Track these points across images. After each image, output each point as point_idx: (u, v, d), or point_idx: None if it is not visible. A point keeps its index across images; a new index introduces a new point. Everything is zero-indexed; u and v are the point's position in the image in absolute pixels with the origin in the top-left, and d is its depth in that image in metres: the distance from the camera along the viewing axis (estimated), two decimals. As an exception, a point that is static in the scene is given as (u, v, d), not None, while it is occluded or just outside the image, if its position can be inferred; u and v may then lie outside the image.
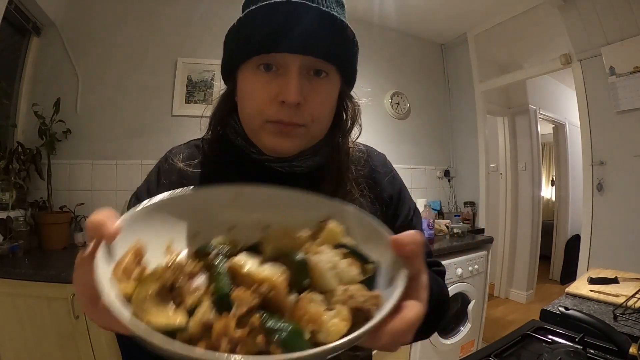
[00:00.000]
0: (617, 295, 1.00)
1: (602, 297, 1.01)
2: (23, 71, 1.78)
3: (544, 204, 4.07)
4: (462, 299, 2.05)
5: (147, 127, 1.94)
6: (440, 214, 2.70)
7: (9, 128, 1.73)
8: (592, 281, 1.12)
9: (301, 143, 0.48)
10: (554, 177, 4.45)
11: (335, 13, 0.43)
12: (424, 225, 1.99)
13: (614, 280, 1.14)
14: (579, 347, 0.68)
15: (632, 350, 0.61)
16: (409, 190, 0.64)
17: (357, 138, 0.57)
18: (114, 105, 1.91)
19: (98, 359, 1.32)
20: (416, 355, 1.84)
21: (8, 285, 1.26)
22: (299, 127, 0.46)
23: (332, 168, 0.52)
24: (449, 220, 2.44)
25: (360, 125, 0.56)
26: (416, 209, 0.63)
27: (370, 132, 2.76)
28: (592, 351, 0.66)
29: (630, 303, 0.92)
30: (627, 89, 1.84)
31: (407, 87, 2.78)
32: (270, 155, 0.50)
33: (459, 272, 1.94)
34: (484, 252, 2.16)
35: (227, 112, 0.52)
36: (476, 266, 2.05)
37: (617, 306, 0.92)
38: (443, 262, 2.25)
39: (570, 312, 0.75)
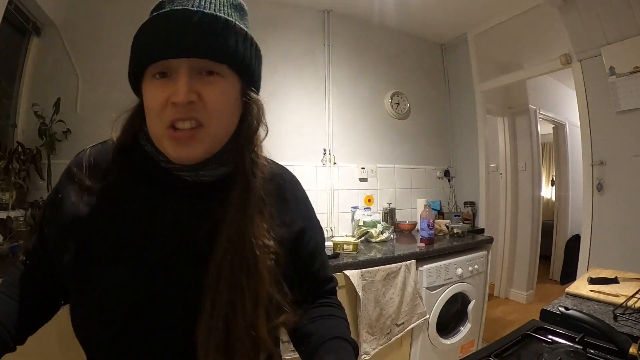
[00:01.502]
0: (617, 295, 0.99)
1: (602, 297, 1.01)
2: (23, 71, 1.78)
3: (544, 204, 4.07)
4: (462, 299, 2.05)
5: (147, 127, 1.94)
6: (440, 214, 2.69)
7: (9, 128, 1.72)
8: (592, 281, 1.12)
9: (204, 147, 0.47)
10: (554, 177, 4.45)
11: (221, 14, 0.45)
12: (424, 225, 1.99)
13: (614, 280, 1.14)
14: (579, 347, 0.68)
15: (632, 350, 0.61)
16: (410, 190, 0.64)
17: (264, 139, 0.55)
18: (114, 105, 1.90)
19: (98, 359, 1.31)
20: (416, 355, 1.84)
21: (8, 285, 1.26)
22: (197, 130, 0.46)
23: (240, 174, 0.51)
24: (449, 220, 2.44)
25: (266, 126, 0.55)
26: (320, 235, 0.65)
27: (371, 132, 2.75)
28: (592, 351, 0.66)
29: (630, 303, 0.92)
30: (627, 89, 1.83)
31: (407, 87, 2.77)
32: (177, 163, 0.49)
33: (459, 272, 1.94)
34: (484, 252, 2.16)
35: (139, 121, 0.53)
36: (476, 266, 2.05)
37: (617, 306, 0.91)
38: (443, 262, 2.23)
39: (570, 312, 0.75)
